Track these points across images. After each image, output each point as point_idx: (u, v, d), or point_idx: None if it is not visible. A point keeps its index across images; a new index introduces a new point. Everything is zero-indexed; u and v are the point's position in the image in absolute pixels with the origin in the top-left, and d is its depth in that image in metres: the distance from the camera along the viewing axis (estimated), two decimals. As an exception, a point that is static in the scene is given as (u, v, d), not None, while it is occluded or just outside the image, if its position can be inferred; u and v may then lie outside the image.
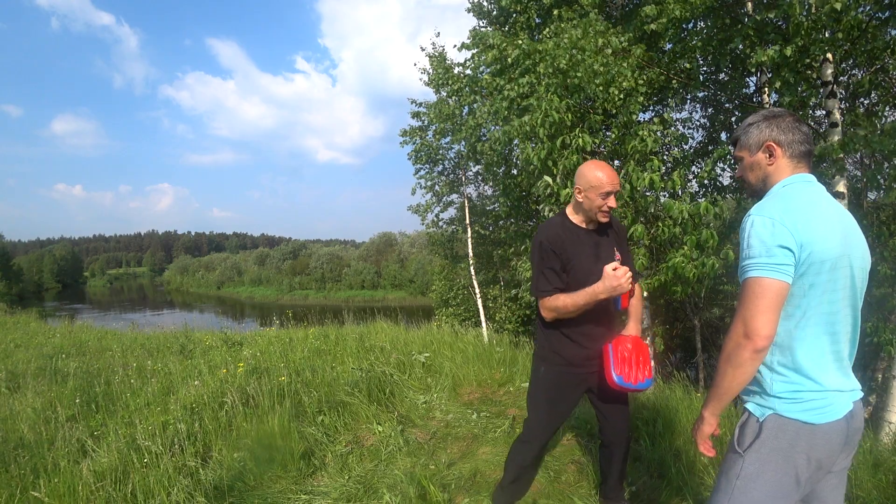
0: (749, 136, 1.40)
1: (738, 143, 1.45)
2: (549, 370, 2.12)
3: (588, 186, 1.96)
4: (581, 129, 5.23)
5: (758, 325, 1.19)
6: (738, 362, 1.23)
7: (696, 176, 6.53)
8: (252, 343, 6.93)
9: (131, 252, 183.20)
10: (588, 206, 1.99)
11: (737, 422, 1.36)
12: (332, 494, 2.70)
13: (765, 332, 1.19)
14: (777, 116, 1.37)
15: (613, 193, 1.95)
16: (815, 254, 1.21)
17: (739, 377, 1.25)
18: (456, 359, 4.85)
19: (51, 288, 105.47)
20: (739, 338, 1.22)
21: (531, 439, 2.16)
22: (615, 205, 1.97)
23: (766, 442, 1.27)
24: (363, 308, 9.82)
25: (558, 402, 2.12)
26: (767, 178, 1.39)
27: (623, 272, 1.87)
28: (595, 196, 1.94)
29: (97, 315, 38.86)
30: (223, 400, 3.78)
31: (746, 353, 1.21)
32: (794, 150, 1.35)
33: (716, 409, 1.34)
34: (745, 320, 1.21)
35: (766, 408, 1.29)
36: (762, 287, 1.20)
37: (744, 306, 1.22)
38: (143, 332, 10.91)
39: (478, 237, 11.23)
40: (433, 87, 9.44)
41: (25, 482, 2.73)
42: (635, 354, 1.99)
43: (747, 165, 1.43)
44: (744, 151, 1.43)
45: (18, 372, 5.92)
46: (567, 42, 5.18)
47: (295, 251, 76.31)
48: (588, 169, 1.98)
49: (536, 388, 2.16)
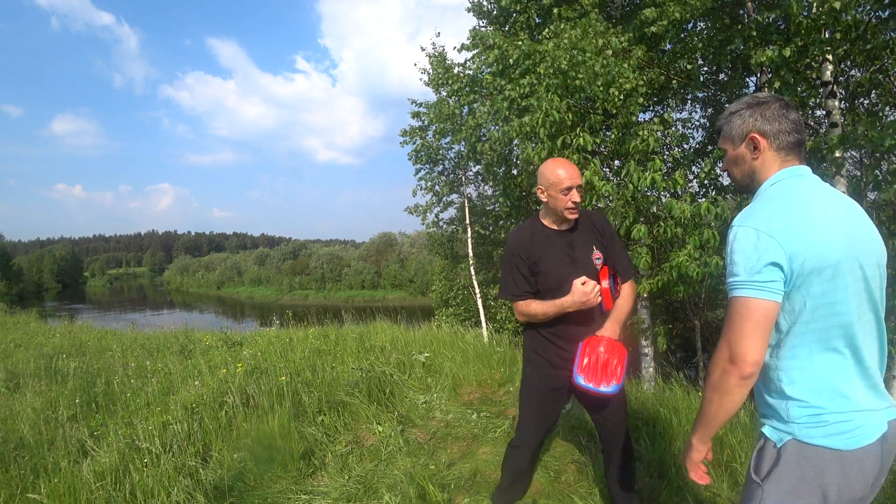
0: (732, 125, 1.25)
1: (721, 133, 1.30)
2: (532, 371, 2.10)
3: (548, 184, 1.94)
4: (582, 129, 5.23)
5: (744, 350, 1.08)
6: (724, 389, 1.12)
7: (695, 176, 6.53)
8: (252, 343, 6.93)
9: (131, 252, 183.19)
10: (553, 205, 1.96)
11: (754, 445, 1.24)
12: (332, 494, 2.70)
13: (751, 358, 1.08)
14: (762, 103, 1.21)
15: (575, 188, 1.91)
16: (811, 262, 1.07)
17: (727, 405, 1.13)
18: (456, 359, 4.85)
19: (51, 288, 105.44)
20: (725, 363, 1.10)
21: (522, 443, 2.14)
22: (579, 199, 1.93)
23: (786, 471, 1.12)
24: (363, 308, 9.80)
25: (544, 404, 2.10)
26: (754, 174, 1.24)
27: (591, 287, 1.85)
28: (556, 193, 1.92)
29: (97, 315, 38.85)
30: (223, 400, 3.79)
31: (733, 379, 1.10)
32: (781, 141, 1.19)
33: (704, 436, 1.23)
34: (731, 345, 1.09)
35: (784, 432, 1.15)
36: (748, 308, 1.08)
37: (729, 329, 1.10)
38: (143, 332, 10.91)
39: (478, 237, 11.22)
40: (433, 87, 9.43)
41: (25, 482, 2.74)
42: (606, 357, 1.92)
43: (731, 159, 1.28)
44: (726, 143, 1.28)
45: (18, 372, 5.92)
46: (567, 42, 5.18)
47: (295, 251, 76.28)
48: (547, 167, 1.96)
49: (523, 389, 2.15)
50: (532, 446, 2.13)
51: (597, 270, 2.00)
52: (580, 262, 1.98)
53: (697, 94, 6.98)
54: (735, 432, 2.86)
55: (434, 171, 10.62)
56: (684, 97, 6.88)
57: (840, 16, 4.41)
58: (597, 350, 1.93)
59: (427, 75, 9.49)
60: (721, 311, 10.19)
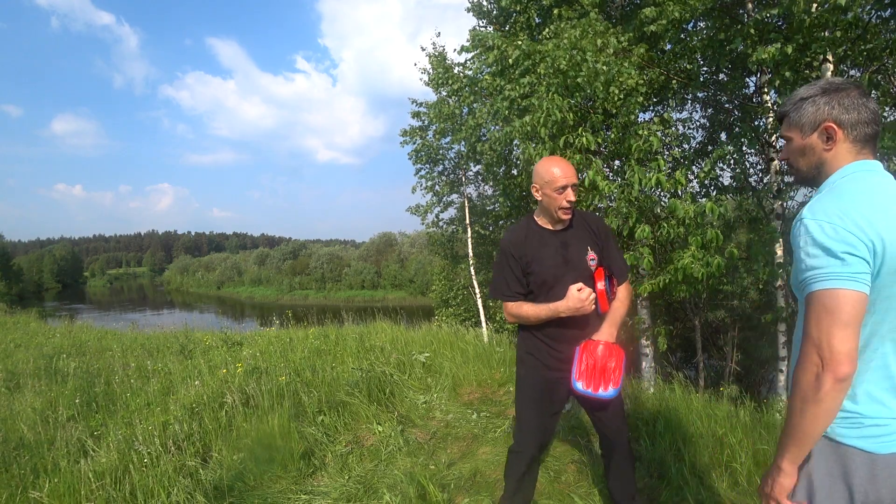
0: (802, 113, 1.14)
1: (785, 120, 1.19)
2: (526, 373, 2.06)
3: (543, 182, 1.91)
4: (583, 129, 5.23)
5: (836, 345, 0.97)
6: (818, 397, 0.99)
7: (695, 176, 6.53)
8: (252, 343, 6.93)
9: (131, 252, 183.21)
10: (547, 204, 1.93)
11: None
12: (332, 494, 2.70)
13: (845, 351, 0.97)
14: (839, 90, 1.10)
15: (570, 187, 1.88)
16: (889, 256, 0.99)
17: (823, 415, 1.01)
18: (456, 359, 4.85)
19: (51, 288, 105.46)
20: (815, 366, 0.99)
21: (521, 448, 2.09)
22: (574, 198, 1.90)
23: (817, 466, 1.10)
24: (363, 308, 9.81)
25: (540, 406, 2.05)
26: (822, 166, 1.14)
27: (587, 294, 1.82)
28: (551, 192, 1.89)
29: (97, 315, 38.85)
30: (223, 400, 3.79)
31: (827, 383, 0.98)
32: (858, 132, 1.09)
33: (796, 458, 1.08)
34: (820, 344, 0.98)
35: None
36: (836, 299, 0.98)
37: (814, 326, 1.00)
38: (143, 332, 10.91)
39: (478, 237, 11.22)
40: (433, 87, 9.43)
41: (25, 482, 2.74)
42: (603, 360, 1.89)
43: (797, 148, 1.17)
44: (793, 131, 1.17)
45: (18, 372, 5.92)
46: (567, 42, 5.18)
47: (295, 251, 76.29)
48: (542, 165, 1.94)
49: (518, 392, 2.10)
50: (532, 450, 2.07)
51: (591, 271, 1.96)
52: (574, 263, 1.95)
53: (697, 94, 6.98)
54: (735, 432, 2.86)
55: (434, 171, 10.62)
56: (684, 97, 6.88)
57: (842, 14, 4.41)
58: (594, 354, 1.90)
59: (427, 75, 9.49)
60: (721, 311, 10.19)
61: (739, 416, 3.16)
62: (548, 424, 2.09)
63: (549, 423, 2.09)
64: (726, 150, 5.60)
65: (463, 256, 11.67)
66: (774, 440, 2.78)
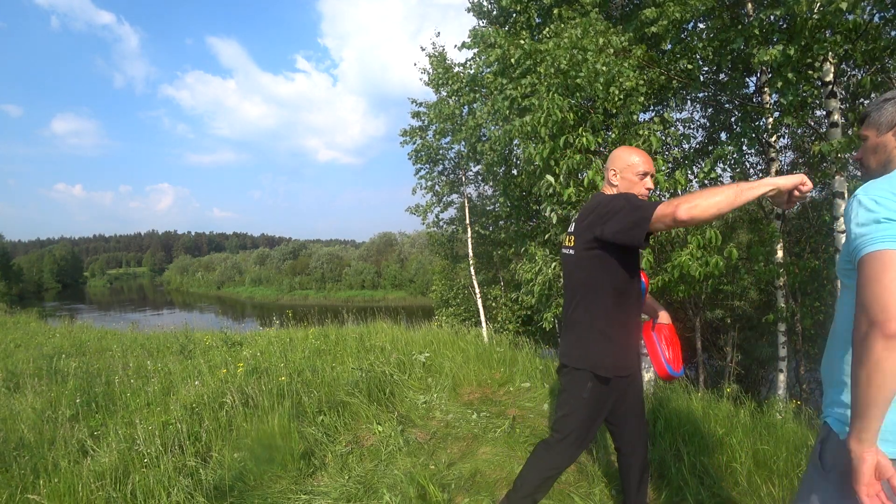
0: (882, 113, 1.20)
1: (867, 120, 1.25)
2: (596, 387, 1.85)
3: (625, 166, 1.89)
4: (584, 129, 5.23)
5: (886, 303, 0.93)
6: (872, 359, 0.94)
7: (695, 176, 6.54)
8: (252, 343, 6.93)
9: (131, 252, 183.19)
10: (625, 188, 1.90)
11: (817, 434, 1.16)
12: (332, 494, 2.70)
13: (895, 308, 0.93)
14: None
15: (650, 176, 1.89)
16: None
17: (880, 379, 0.94)
18: (456, 359, 4.85)
19: (51, 288, 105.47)
20: (865, 327, 0.96)
21: (570, 462, 1.97)
22: (652, 186, 1.92)
23: None
24: (363, 308, 9.80)
25: (600, 419, 1.93)
26: (890, 164, 1.19)
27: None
28: (632, 176, 1.88)
29: (97, 315, 38.86)
30: (223, 400, 3.79)
31: (878, 342, 0.93)
32: None
33: (866, 434, 0.98)
34: (868, 304, 0.96)
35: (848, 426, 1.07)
36: (884, 261, 0.96)
37: (865, 290, 0.98)
38: (143, 332, 10.91)
39: (478, 237, 11.22)
40: (433, 86, 9.44)
41: (25, 482, 2.73)
42: (675, 341, 1.98)
43: (871, 147, 1.23)
44: (871, 130, 1.23)
45: (18, 372, 5.92)
46: (567, 42, 5.18)
47: (295, 251, 76.30)
48: (623, 150, 1.94)
49: (580, 408, 1.87)
50: (573, 460, 1.98)
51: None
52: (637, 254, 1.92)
53: (697, 94, 6.99)
54: (735, 432, 2.86)
55: (434, 171, 10.62)
56: (684, 97, 6.88)
57: (844, 16, 4.41)
58: (672, 336, 1.98)
59: (427, 75, 9.50)
60: (720, 311, 10.20)
61: (739, 416, 3.17)
62: (595, 434, 2.01)
63: (595, 432, 2.01)
64: (726, 150, 5.60)
65: (463, 256, 11.68)
66: (774, 440, 2.78)
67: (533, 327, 10.45)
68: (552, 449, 1.93)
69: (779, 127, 5.96)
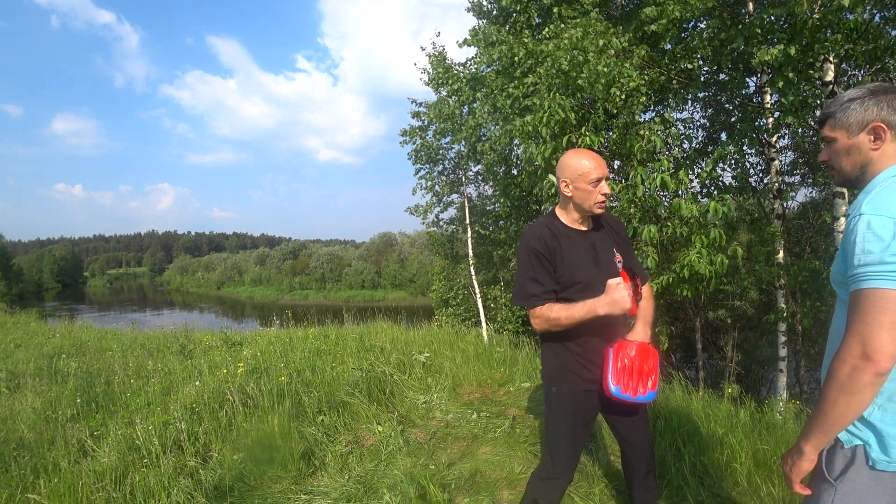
0: (849, 113, 1.17)
1: (828, 121, 1.22)
2: (561, 392, 1.85)
3: (575, 175, 1.75)
4: (586, 128, 5.23)
5: (881, 343, 0.99)
6: (854, 388, 1.02)
7: (696, 176, 6.55)
8: (252, 343, 6.93)
9: (131, 252, 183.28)
10: (580, 199, 1.77)
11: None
12: (332, 494, 2.70)
13: (890, 350, 0.99)
14: (888, 92, 1.14)
15: (605, 179, 1.76)
16: None
17: (855, 406, 1.04)
18: (456, 359, 4.85)
19: (51, 288, 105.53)
20: (856, 359, 1.01)
21: (557, 475, 1.89)
22: (609, 191, 1.78)
23: (862, 470, 1.10)
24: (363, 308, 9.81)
25: (578, 426, 1.88)
26: (868, 166, 1.17)
27: (626, 287, 1.66)
28: (585, 185, 1.74)
29: (97, 315, 38.86)
30: (223, 400, 3.79)
31: (866, 377, 1.01)
32: None
33: (820, 443, 1.12)
34: (865, 338, 1.00)
35: (855, 437, 1.12)
36: (887, 300, 0.99)
37: (861, 322, 1.02)
38: (143, 332, 10.91)
39: (478, 237, 11.23)
40: (433, 86, 9.44)
41: (25, 482, 2.73)
42: (638, 362, 1.76)
43: (842, 149, 1.20)
44: (839, 131, 1.20)
45: (18, 372, 5.92)
46: (567, 43, 5.18)
47: (295, 251, 76.33)
48: (571, 157, 1.79)
49: (553, 416, 1.88)
50: (569, 476, 1.91)
51: (618, 274, 1.82)
52: (604, 265, 1.82)
53: (698, 94, 6.99)
54: (735, 432, 2.86)
55: (434, 171, 10.62)
56: (685, 97, 6.88)
57: (844, 15, 4.41)
58: (628, 354, 1.77)
59: (427, 75, 9.50)
60: (721, 311, 10.19)
61: (739, 416, 3.16)
62: (582, 445, 1.94)
63: (583, 444, 1.94)
64: (727, 150, 5.60)
65: (463, 256, 11.68)
66: (774, 440, 2.78)
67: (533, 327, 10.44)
68: (547, 470, 1.91)
69: (779, 127, 5.95)
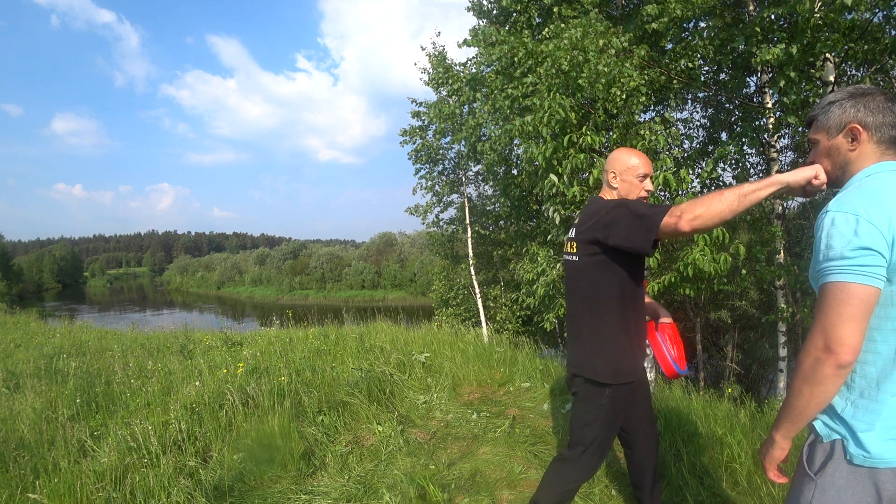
0: (829, 115, 1.21)
1: (813, 124, 1.25)
2: (614, 393, 1.83)
3: (624, 168, 1.87)
4: (587, 128, 5.23)
5: (842, 335, 1.02)
6: (817, 380, 1.06)
7: (697, 176, 6.55)
8: (252, 343, 6.92)
9: (131, 252, 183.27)
10: (625, 192, 1.88)
11: (804, 439, 1.22)
12: (332, 494, 2.70)
13: (850, 343, 1.02)
14: (865, 95, 1.17)
15: (649, 176, 1.88)
16: None
17: (818, 397, 1.08)
18: (456, 359, 4.85)
19: (51, 288, 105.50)
20: (819, 351, 1.05)
21: (592, 473, 1.94)
22: (652, 188, 1.90)
23: (840, 466, 1.12)
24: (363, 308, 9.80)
25: (618, 425, 1.93)
26: (847, 166, 1.20)
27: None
28: (632, 178, 1.86)
29: (97, 315, 38.85)
30: (223, 400, 3.78)
31: (828, 368, 1.04)
32: (883, 134, 1.15)
33: (789, 432, 1.17)
34: (826, 331, 1.04)
35: (833, 431, 1.14)
36: (847, 293, 1.03)
37: (824, 315, 1.05)
38: (143, 332, 10.90)
39: (478, 237, 11.23)
40: (433, 86, 9.43)
41: (25, 482, 2.73)
42: (678, 339, 1.97)
43: (823, 150, 1.24)
44: (820, 133, 1.23)
45: (18, 372, 5.92)
46: (567, 43, 5.17)
47: (295, 251, 76.32)
48: (621, 152, 1.92)
49: (599, 416, 1.85)
50: (595, 471, 1.97)
51: None
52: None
53: (698, 93, 6.98)
54: (735, 432, 2.86)
55: (434, 171, 10.62)
56: (685, 97, 6.88)
57: (844, 14, 4.41)
58: (676, 334, 1.97)
59: (427, 75, 9.50)
60: (721, 311, 10.20)
61: (739, 416, 3.16)
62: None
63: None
64: (727, 150, 5.60)
65: (463, 256, 11.68)
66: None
67: (533, 327, 10.45)
68: (573, 462, 1.89)
69: (780, 127, 5.95)
